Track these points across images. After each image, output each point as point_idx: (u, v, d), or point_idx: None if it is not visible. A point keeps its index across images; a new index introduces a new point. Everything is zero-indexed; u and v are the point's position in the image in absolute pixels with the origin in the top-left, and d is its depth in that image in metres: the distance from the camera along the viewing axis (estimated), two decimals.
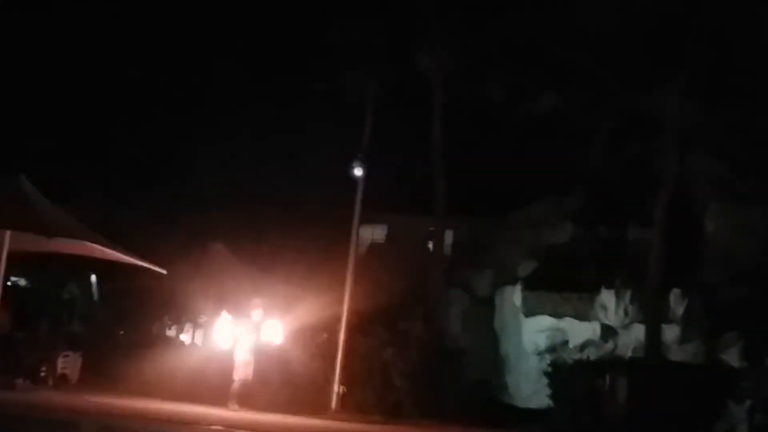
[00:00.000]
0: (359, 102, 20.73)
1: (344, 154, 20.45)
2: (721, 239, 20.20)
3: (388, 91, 20.77)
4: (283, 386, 17.92)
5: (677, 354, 18.99)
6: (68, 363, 19.00)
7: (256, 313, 17.59)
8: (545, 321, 20.54)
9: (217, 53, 25.07)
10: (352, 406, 18.16)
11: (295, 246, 23.18)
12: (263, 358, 17.69)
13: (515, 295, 21.18)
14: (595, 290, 20.18)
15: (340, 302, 18.78)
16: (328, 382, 18.07)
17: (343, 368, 18.23)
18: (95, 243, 16.25)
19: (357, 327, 19.22)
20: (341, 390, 17.89)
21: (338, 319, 18.49)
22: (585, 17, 19.83)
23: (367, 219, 21.44)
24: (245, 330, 17.54)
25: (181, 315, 22.95)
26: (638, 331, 19.51)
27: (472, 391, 19.66)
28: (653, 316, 19.26)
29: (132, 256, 17.67)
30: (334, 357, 18.12)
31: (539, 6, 20.64)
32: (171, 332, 27.06)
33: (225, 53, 25.03)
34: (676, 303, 19.48)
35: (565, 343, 20.54)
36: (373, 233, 26.63)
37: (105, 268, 23.02)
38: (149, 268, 21.10)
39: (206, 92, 25.52)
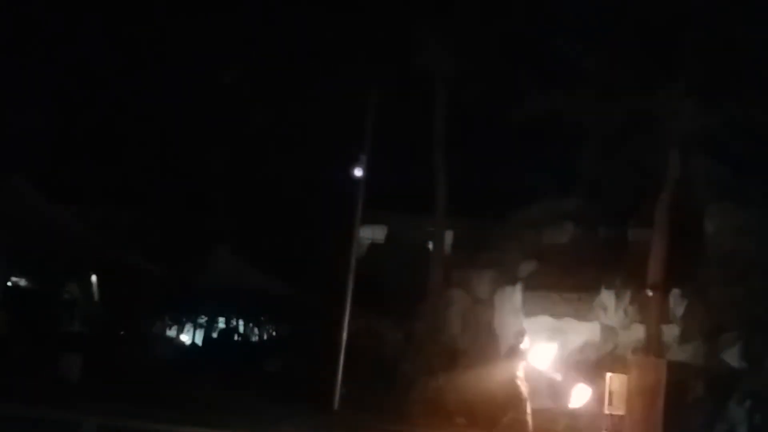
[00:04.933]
0: (359, 101, 20.75)
1: (344, 155, 20.52)
2: (721, 240, 20.17)
3: (388, 90, 20.76)
4: None
5: (677, 354, 18.98)
6: (68, 363, 19.03)
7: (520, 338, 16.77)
8: (545, 321, 20.52)
9: (218, 52, 25.08)
10: None
11: None
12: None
13: (515, 295, 21.19)
14: (595, 290, 20.21)
15: None
16: None
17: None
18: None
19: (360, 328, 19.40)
20: None
21: None
22: (585, 17, 19.85)
23: (367, 219, 21.47)
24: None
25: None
26: (638, 332, 19.53)
27: (472, 392, 19.67)
28: (653, 316, 19.27)
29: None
30: None
31: (540, 6, 20.68)
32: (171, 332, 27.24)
33: (225, 53, 25.05)
34: (676, 303, 19.50)
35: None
36: (373, 233, 26.67)
37: (105, 268, 23.14)
38: (150, 268, 21.19)
39: (207, 92, 25.55)
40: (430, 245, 23.65)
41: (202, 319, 27.41)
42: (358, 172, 19.86)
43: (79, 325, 22.97)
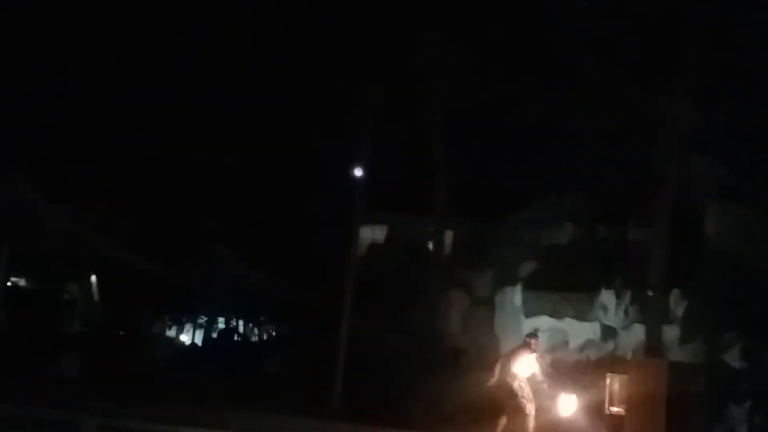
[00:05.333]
0: (359, 102, 20.75)
1: (344, 155, 20.52)
2: (721, 240, 20.17)
3: (388, 90, 20.76)
4: None
5: (677, 354, 18.97)
6: (68, 363, 19.05)
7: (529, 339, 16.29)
8: (545, 321, 20.53)
9: (217, 53, 25.11)
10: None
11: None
12: None
13: (515, 295, 21.19)
14: (596, 291, 20.22)
15: None
16: None
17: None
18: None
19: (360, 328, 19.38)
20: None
21: None
22: (585, 17, 19.84)
23: (367, 219, 21.46)
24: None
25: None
26: (638, 332, 19.53)
27: (472, 392, 19.68)
28: (653, 316, 19.28)
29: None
30: None
31: (539, 7, 20.68)
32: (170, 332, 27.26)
33: (225, 53, 25.07)
34: (676, 303, 19.51)
35: (566, 343, 20.55)
36: (373, 233, 26.66)
37: (105, 268, 23.15)
38: (150, 268, 21.17)
39: (206, 92, 25.58)
40: (430, 245, 23.64)
41: (202, 319, 27.42)
42: (358, 172, 19.85)
43: (79, 325, 22.98)
